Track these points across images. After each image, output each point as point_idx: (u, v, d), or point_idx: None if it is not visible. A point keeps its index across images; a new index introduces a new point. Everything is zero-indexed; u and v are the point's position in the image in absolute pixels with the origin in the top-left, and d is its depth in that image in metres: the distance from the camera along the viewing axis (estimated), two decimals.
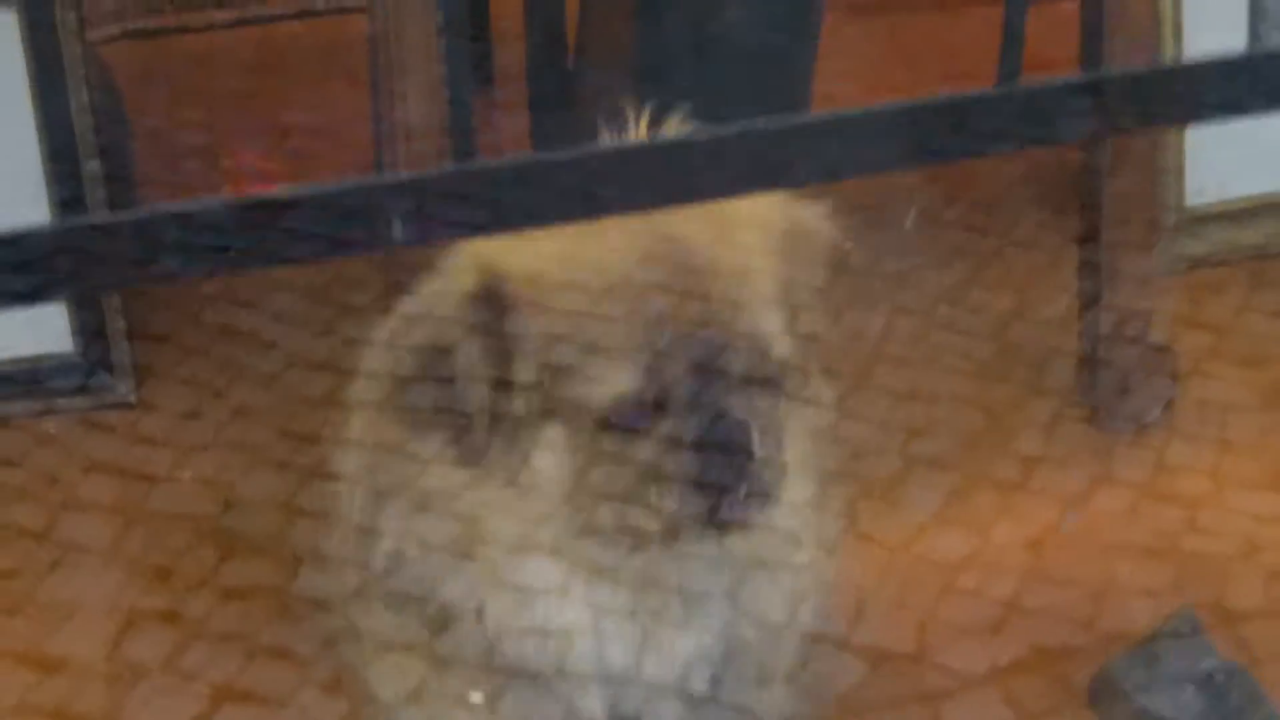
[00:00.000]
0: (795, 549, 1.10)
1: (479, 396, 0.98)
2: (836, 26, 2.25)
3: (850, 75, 2.36)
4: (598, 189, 0.53)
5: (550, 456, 0.99)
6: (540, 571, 1.05)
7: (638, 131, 1.13)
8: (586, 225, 0.90)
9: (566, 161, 0.54)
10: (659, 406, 0.97)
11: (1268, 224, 2.08)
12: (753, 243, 1.03)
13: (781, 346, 1.01)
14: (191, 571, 1.74)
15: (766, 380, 1.00)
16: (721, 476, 0.99)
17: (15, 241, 0.53)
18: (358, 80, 2.47)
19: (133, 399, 1.94)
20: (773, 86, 2.10)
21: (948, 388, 2.00)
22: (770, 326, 1.00)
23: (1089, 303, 1.87)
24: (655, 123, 1.12)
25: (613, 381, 0.97)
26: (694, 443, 0.98)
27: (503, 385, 0.98)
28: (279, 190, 0.47)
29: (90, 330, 1.89)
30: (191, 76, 2.45)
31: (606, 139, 1.14)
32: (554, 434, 0.99)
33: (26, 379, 1.91)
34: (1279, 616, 1.66)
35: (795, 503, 1.06)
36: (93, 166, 1.89)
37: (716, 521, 1.01)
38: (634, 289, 0.96)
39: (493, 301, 0.99)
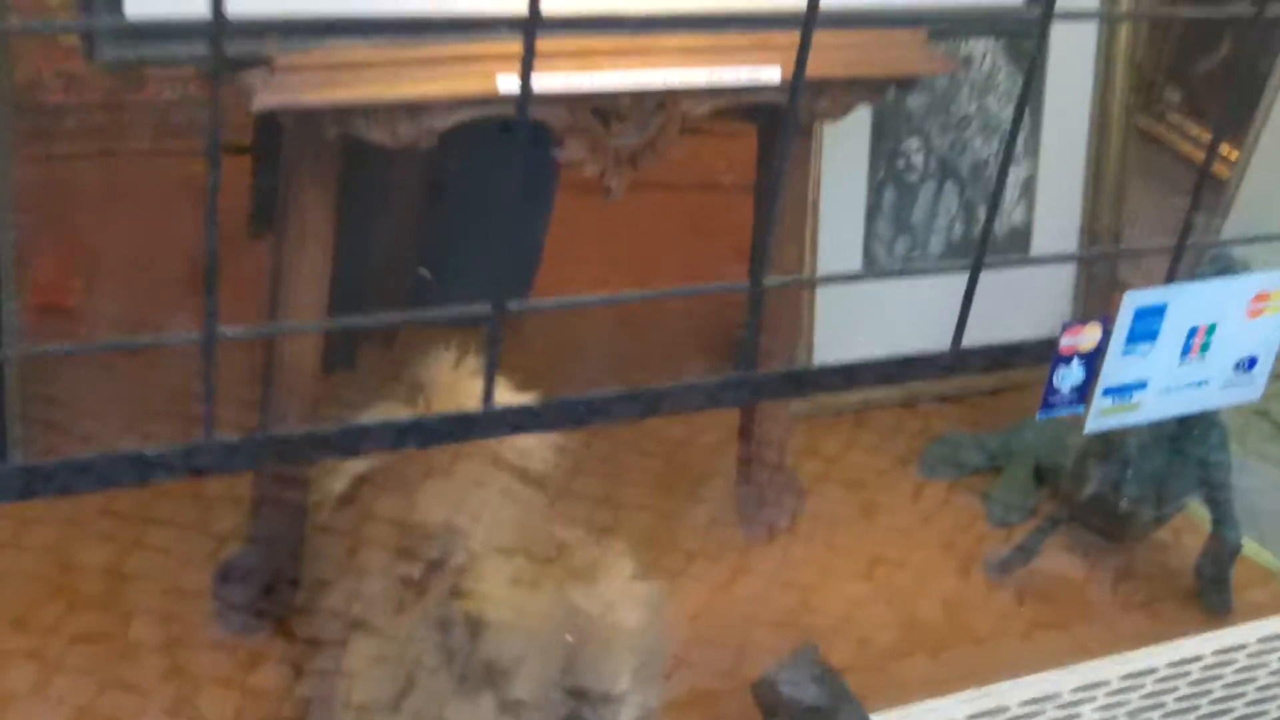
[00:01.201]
0: None
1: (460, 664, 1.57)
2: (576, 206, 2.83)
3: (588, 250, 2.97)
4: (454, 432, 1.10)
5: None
6: None
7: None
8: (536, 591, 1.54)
9: (445, 419, 1.11)
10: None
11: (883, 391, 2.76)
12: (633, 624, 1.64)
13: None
14: (44, 621, 2.20)
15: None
16: None
17: None
18: (153, 210, 2.97)
19: None
20: (511, 258, 2.68)
21: (630, 496, 2.53)
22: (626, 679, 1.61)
23: (743, 435, 2.50)
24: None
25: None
26: None
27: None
28: None
29: None
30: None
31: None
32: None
33: None
34: (863, 670, 2.27)
35: None
36: None
37: None
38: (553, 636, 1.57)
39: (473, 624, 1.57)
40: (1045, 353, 1.17)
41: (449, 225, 2.52)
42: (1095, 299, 2.82)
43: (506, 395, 1.94)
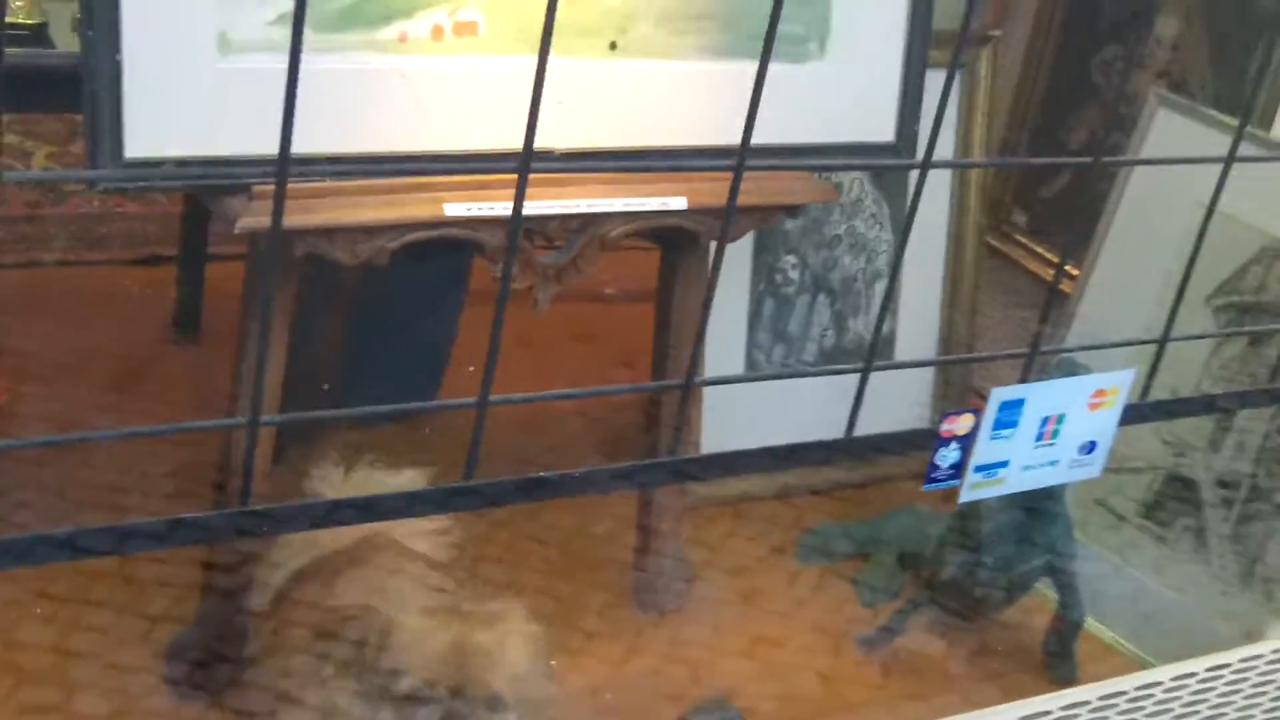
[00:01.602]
0: None
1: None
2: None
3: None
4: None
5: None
6: None
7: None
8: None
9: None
10: None
11: (749, 478, 3.03)
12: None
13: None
14: None
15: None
16: None
17: None
18: (74, 315, 3.16)
19: None
20: (422, 357, 2.93)
21: (532, 581, 2.74)
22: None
23: (639, 525, 2.73)
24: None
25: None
26: None
27: None
28: None
29: None
30: None
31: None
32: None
33: None
34: None
35: None
36: None
37: None
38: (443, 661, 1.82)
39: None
40: (925, 440, 1.43)
41: (375, 328, 2.75)
42: (951, 400, 3.11)
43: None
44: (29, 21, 2.33)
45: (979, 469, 1.34)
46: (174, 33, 1.80)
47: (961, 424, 1.33)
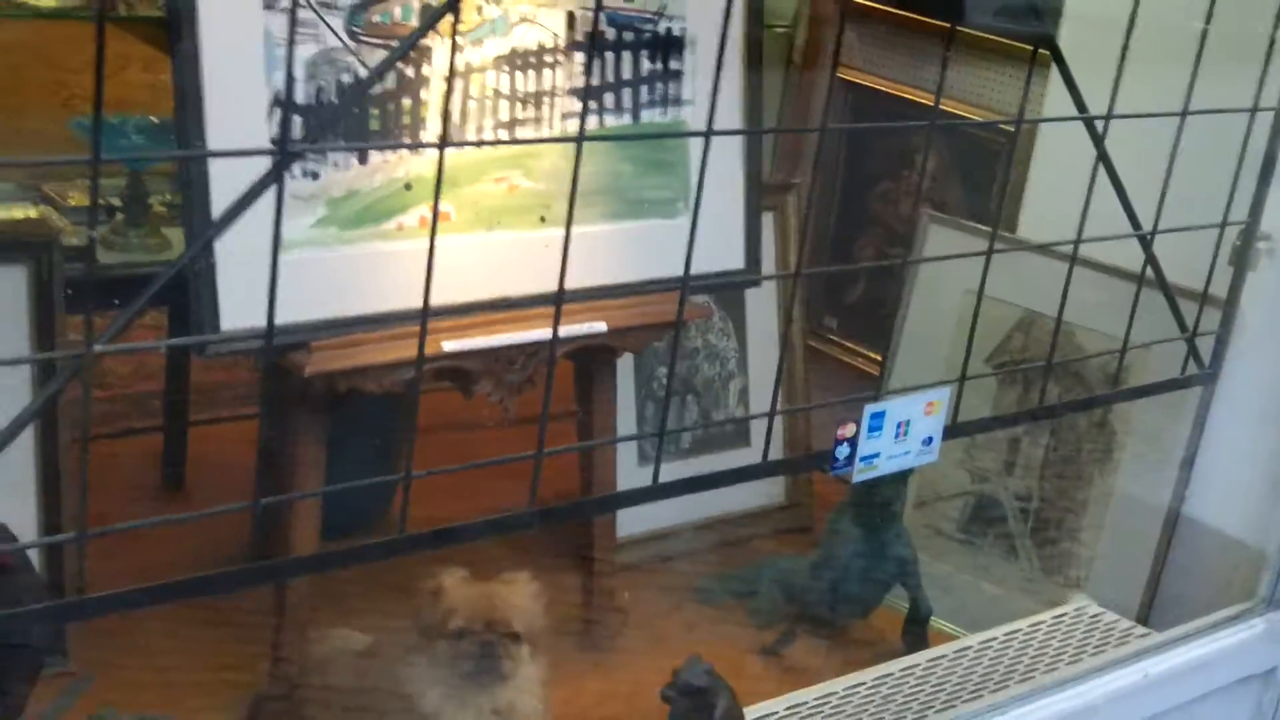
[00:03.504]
0: None
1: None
2: None
3: None
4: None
5: None
6: None
7: None
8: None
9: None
10: None
11: (667, 546, 3.77)
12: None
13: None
14: None
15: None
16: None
17: None
18: None
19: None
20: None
21: None
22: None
23: (583, 585, 3.43)
24: None
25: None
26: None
27: None
28: None
29: None
30: None
31: None
32: None
33: None
34: None
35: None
36: None
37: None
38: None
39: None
40: (821, 460, 2.19)
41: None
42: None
43: None
44: (80, 244, 3.02)
45: (863, 459, 2.10)
46: (246, 239, 2.51)
47: (849, 429, 2.09)
